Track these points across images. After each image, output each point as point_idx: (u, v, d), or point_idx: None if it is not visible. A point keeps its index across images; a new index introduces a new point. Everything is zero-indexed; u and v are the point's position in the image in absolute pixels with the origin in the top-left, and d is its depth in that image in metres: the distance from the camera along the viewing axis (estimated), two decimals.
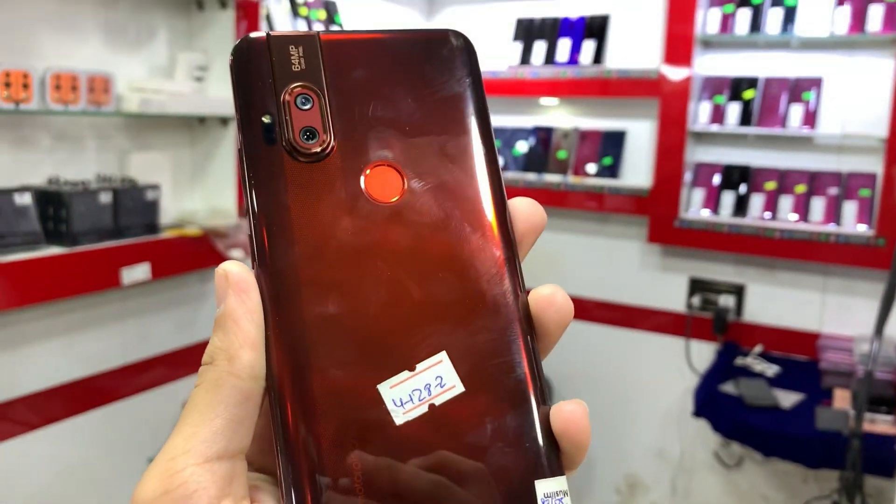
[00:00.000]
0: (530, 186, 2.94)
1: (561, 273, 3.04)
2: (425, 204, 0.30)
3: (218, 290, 0.28)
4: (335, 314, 0.28)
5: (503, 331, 0.29)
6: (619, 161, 2.88)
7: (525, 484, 0.27)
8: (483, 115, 0.32)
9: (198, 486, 0.26)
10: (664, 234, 2.71)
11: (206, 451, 0.26)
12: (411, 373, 0.28)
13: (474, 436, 0.27)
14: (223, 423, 0.27)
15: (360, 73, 0.31)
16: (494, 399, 0.28)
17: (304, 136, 0.29)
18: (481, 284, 0.29)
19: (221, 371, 0.27)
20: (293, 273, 0.28)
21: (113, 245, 1.87)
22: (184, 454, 0.26)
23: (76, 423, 1.96)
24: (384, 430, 0.27)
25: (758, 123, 2.60)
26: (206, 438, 0.26)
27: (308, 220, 0.28)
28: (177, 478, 0.26)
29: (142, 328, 2.11)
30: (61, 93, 1.74)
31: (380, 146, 0.30)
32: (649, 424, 2.92)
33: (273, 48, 0.30)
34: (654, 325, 2.88)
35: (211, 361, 0.27)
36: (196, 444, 0.26)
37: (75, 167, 1.92)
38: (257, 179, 0.29)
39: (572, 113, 3.03)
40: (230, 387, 0.27)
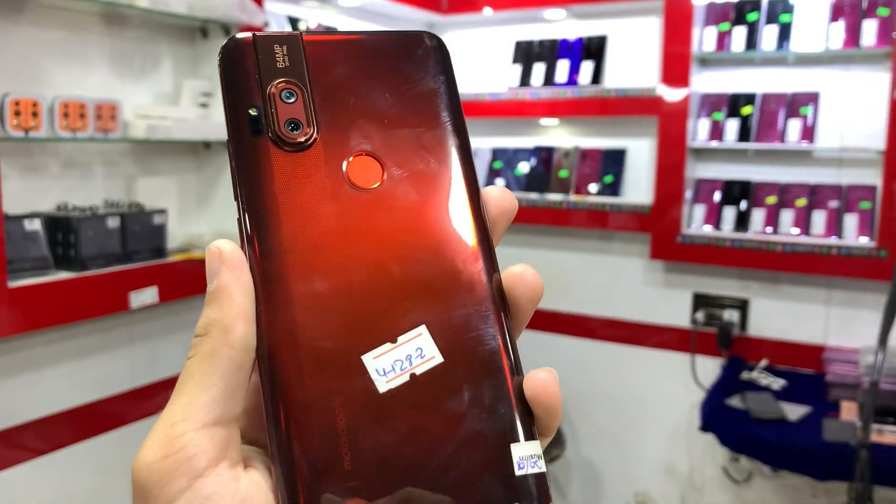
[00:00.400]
0: (533, 205, 2.96)
1: (565, 291, 3.06)
2: (404, 190, 0.32)
3: (210, 267, 0.30)
4: (321, 291, 0.29)
5: (478, 306, 0.31)
6: (620, 179, 2.90)
7: (501, 448, 0.29)
8: (456, 109, 0.34)
9: (197, 449, 0.27)
10: (667, 250, 2.73)
11: (204, 417, 0.28)
12: (393, 344, 0.29)
13: (452, 403, 0.29)
14: (219, 392, 0.28)
15: (340, 70, 0.33)
16: (471, 369, 0.30)
17: (289, 127, 0.31)
18: (457, 264, 0.31)
19: (216, 342, 0.28)
20: (281, 252, 0.29)
21: (121, 269, 1.89)
22: (183, 421, 0.28)
23: (84, 449, 1.96)
24: (368, 396, 0.28)
25: (756, 139, 2.63)
26: (203, 406, 0.28)
27: (294, 205, 0.30)
28: (177, 443, 0.27)
29: (150, 352, 2.13)
30: (69, 120, 1.77)
31: (360, 137, 0.32)
32: (657, 441, 2.92)
33: (259, 47, 0.32)
34: (659, 342, 2.89)
35: (205, 333, 0.29)
36: (194, 412, 0.28)
37: (83, 193, 1.94)
38: (245, 167, 0.31)
39: (572, 132, 3.06)
40: (225, 357, 0.28)
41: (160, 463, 0.27)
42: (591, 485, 3.07)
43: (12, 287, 1.65)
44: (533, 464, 0.29)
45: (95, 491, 2.00)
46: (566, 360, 3.06)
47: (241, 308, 0.29)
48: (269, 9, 2.38)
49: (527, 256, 3.10)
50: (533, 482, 0.29)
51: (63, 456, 1.91)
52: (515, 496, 0.28)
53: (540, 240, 3.10)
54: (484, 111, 3.06)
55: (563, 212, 2.92)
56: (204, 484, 0.27)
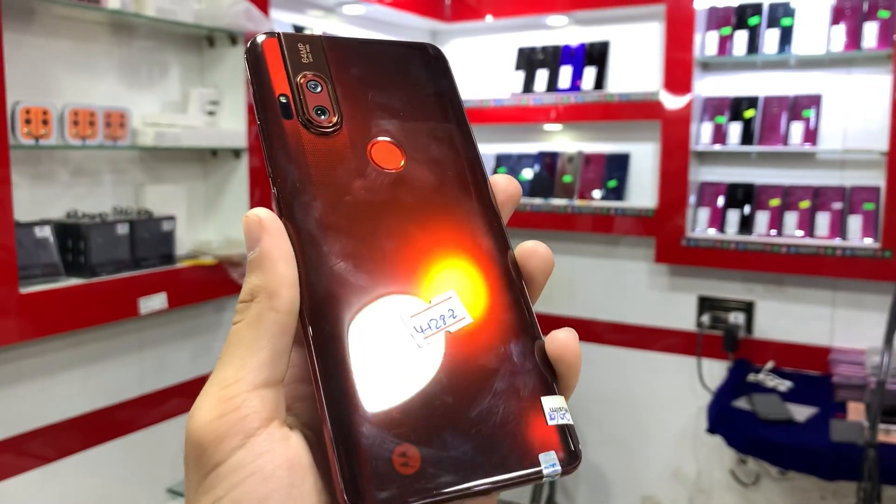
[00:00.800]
0: (537, 210, 2.98)
1: (570, 296, 3.07)
2: (423, 173, 0.34)
3: (250, 235, 0.31)
4: (356, 257, 0.31)
5: (499, 276, 0.33)
6: (624, 183, 2.92)
7: (533, 400, 0.31)
8: (461, 108, 0.37)
9: (250, 409, 0.29)
10: (671, 253, 2.74)
11: (255, 379, 0.29)
12: (427, 305, 0.31)
13: (485, 358, 0.31)
14: (267, 355, 0.29)
15: (357, 69, 0.36)
16: (499, 330, 0.32)
17: (317, 112, 0.34)
18: (477, 238, 0.34)
19: (263, 307, 0.30)
20: (318, 221, 0.32)
21: (130, 276, 1.90)
22: (235, 382, 0.29)
23: (94, 455, 1.97)
24: (408, 350, 0.30)
25: (759, 142, 2.64)
26: (253, 368, 0.29)
27: (326, 179, 0.33)
28: (230, 403, 0.29)
29: (159, 358, 2.14)
30: (79, 128, 1.79)
31: (379, 127, 0.35)
32: (664, 445, 2.92)
33: (285, 44, 0.35)
34: (665, 346, 2.89)
35: (251, 299, 0.30)
36: (246, 374, 0.29)
37: (93, 200, 1.96)
38: (278, 147, 0.33)
39: (576, 138, 3.07)
40: (271, 321, 0.30)
41: (215, 423, 0.28)
42: (599, 489, 3.07)
43: (24, 293, 1.66)
44: (563, 416, 0.31)
45: (105, 497, 2.01)
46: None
47: (284, 273, 0.30)
48: (275, 17, 2.41)
49: None
50: (564, 432, 0.31)
51: (73, 462, 1.92)
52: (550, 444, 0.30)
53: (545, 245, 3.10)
54: (488, 118, 3.08)
55: (568, 216, 2.93)
56: (257, 442, 0.28)
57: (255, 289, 0.30)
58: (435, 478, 0.28)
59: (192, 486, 0.29)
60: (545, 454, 0.30)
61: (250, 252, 0.31)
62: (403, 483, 0.28)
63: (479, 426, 0.30)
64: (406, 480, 0.28)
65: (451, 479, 0.28)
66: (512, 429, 0.30)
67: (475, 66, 3.23)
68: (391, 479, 0.28)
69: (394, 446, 0.28)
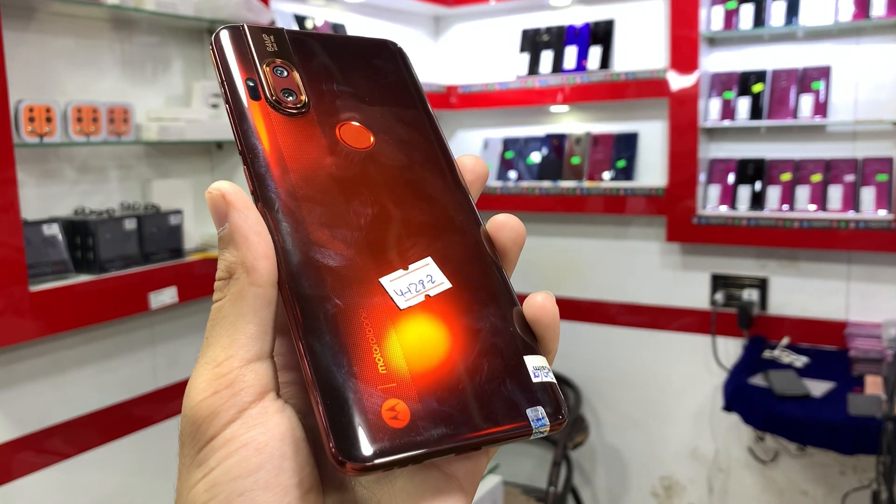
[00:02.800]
0: (546, 194, 2.96)
1: (582, 279, 3.05)
2: (392, 152, 0.35)
3: (216, 211, 0.31)
4: (332, 228, 0.32)
5: (472, 246, 0.34)
6: (633, 163, 2.90)
7: (517, 358, 0.31)
8: (423, 96, 0.39)
9: (244, 384, 0.29)
10: (683, 232, 2.72)
11: (246, 354, 0.29)
12: (405, 271, 0.32)
13: (467, 319, 0.32)
14: (255, 329, 0.30)
15: (322, 59, 0.37)
16: (478, 295, 0.33)
17: (285, 94, 0.35)
18: (448, 211, 0.35)
19: (242, 283, 0.30)
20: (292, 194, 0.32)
21: (140, 271, 1.91)
22: (227, 360, 0.29)
23: (110, 451, 1.99)
24: (391, 312, 0.31)
25: (769, 116, 2.61)
26: (243, 344, 0.29)
27: (297, 155, 0.33)
28: (224, 380, 0.29)
29: (171, 352, 2.15)
30: (83, 125, 1.79)
31: (347, 110, 0.36)
32: (681, 424, 2.91)
33: (249, 33, 0.36)
34: (679, 325, 2.88)
35: (229, 276, 0.30)
36: (236, 350, 0.29)
37: (100, 197, 1.97)
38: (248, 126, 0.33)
39: (583, 119, 3.05)
40: (253, 296, 0.30)
41: (209, 399, 0.29)
42: (617, 471, 3.07)
43: (34, 291, 1.67)
44: (546, 374, 0.32)
45: (123, 492, 2.02)
46: (587, 348, 3.05)
47: (257, 246, 0.30)
48: (276, 7, 2.40)
49: (542, 245, 3.10)
50: (548, 390, 0.31)
51: (90, 458, 1.94)
52: (536, 400, 0.30)
53: (555, 228, 3.10)
54: (493, 101, 3.06)
55: (577, 199, 2.91)
56: (251, 415, 0.29)
57: (232, 265, 0.30)
58: (426, 431, 0.28)
59: (185, 463, 0.29)
60: (532, 409, 0.30)
61: (220, 228, 0.31)
62: (394, 436, 0.28)
63: (467, 383, 0.30)
64: (396, 433, 0.28)
65: (442, 433, 0.28)
66: (498, 385, 0.30)
67: (479, 50, 3.22)
68: (381, 432, 0.28)
69: (382, 401, 0.28)
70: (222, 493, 0.28)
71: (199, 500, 0.28)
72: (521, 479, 3.12)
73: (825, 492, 2.61)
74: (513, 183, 3.07)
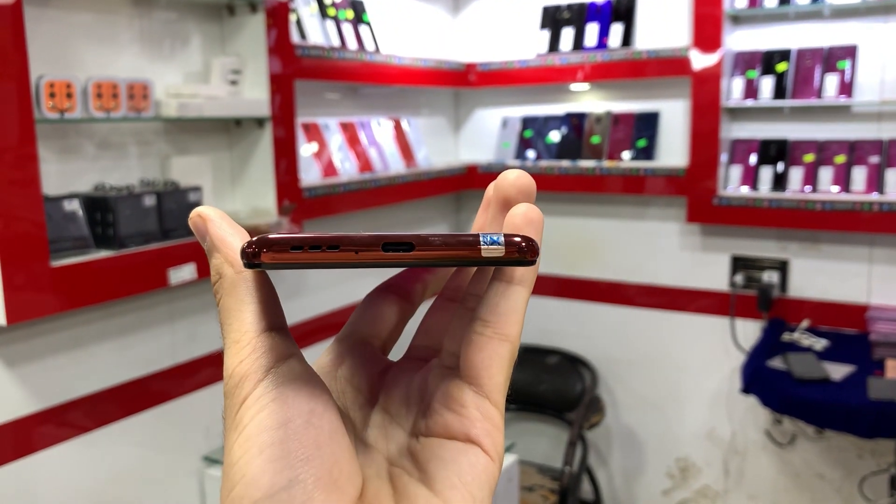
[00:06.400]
0: (565, 173, 2.95)
1: (601, 260, 3.05)
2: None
3: (198, 230, 0.33)
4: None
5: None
6: (654, 142, 2.88)
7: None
8: None
9: (265, 348, 0.31)
10: (703, 213, 2.70)
11: (258, 326, 0.32)
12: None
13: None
14: (258, 307, 0.32)
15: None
16: None
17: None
18: None
19: (231, 276, 0.32)
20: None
21: (159, 247, 1.92)
22: (244, 334, 0.32)
23: (130, 424, 2.02)
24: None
25: (792, 96, 2.58)
26: (253, 321, 0.32)
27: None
28: (246, 349, 0.31)
29: (190, 328, 2.17)
30: (103, 101, 1.80)
31: None
32: (698, 407, 2.91)
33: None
34: (699, 307, 2.87)
35: (219, 275, 0.33)
36: (248, 326, 0.32)
37: (119, 173, 1.98)
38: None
39: (604, 97, 3.03)
40: (243, 283, 0.32)
41: (238, 367, 0.31)
42: (632, 452, 3.08)
43: (55, 266, 1.69)
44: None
45: (142, 465, 2.06)
46: (605, 329, 3.05)
47: (235, 242, 0.33)
48: None
49: (561, 225, 3.10)
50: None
51: (111, 431, 1.97)
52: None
53: (574, 208, 3.09)
54: (512, 79, 3.05)
55: (597, 178, 2.90)
56: (279, 372, 0.31)
57: (218, 266, 0.33)
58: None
59: (226, 432, 0.31)
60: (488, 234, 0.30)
61: (204, 243, 0.33)
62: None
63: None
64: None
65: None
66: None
67: (499, 26, 3.19)
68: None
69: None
70: (254, 445, 0.29)
71: (233, 457, 0.29)
72: (537, 458, 3.13)
73: (842, 475, 2.61)
74: (531, 162, 3.06)
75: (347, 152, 2.68)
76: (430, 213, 3.23)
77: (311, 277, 2.56)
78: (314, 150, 2.54)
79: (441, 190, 3.06)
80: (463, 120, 3.37)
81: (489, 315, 0.31)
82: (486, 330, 0.31)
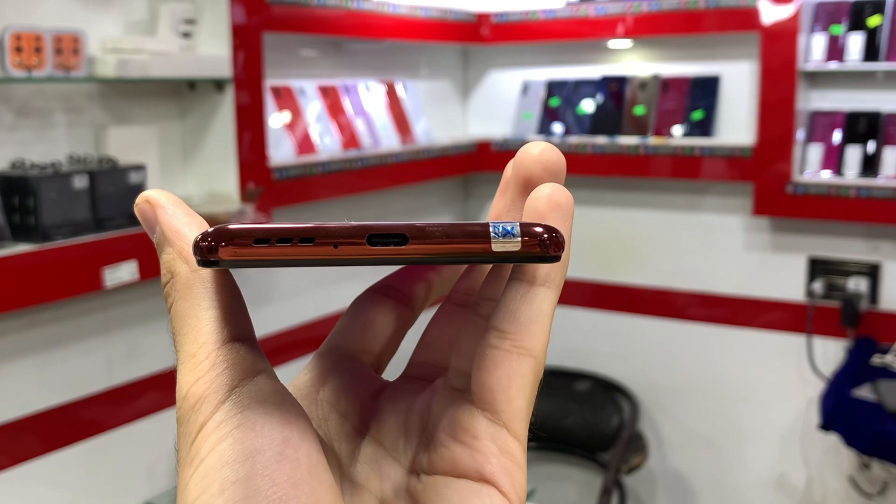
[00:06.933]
0: (601, 153, 2.95)
1: (644, 262, 3.05)
2: None
3: (146, 218, 0.34)
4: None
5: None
6: (713, 115, 2.88)
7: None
8: None
9: (227, 362, 0.31)
10: (774, 203, 2.70)
11: (219, 337, 0.32)
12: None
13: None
14: (217, 313, 0.32)
15: None
16: None
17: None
18: None
19: (185, 276, 0.33)
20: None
21: (92, 240, 1.92)
22: (201, 346, 0.32)
23: (54, 462, 2.02)
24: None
25: (887, 58, 2.59)
26: (212, 329, 0.32)
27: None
28: (203, 364, 0.31)
29: (131, 341, 2.17)
30: (23, 56, 1.80)
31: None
32: (765, 446, 2.91)
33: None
34: (766, 321, 2.87)
35: (171, 274, 0.33)
36: (206, 336, 0.32)
37: (43, 147, 1.98)
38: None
39: (650, 57, 3.03)
40: (201, 283, 0.32)
41: (194, 387, 0.31)
42: (681, 501, 3.08)
43: None
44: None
45: None
46: (648, 347, 3.05)
47: (190, 233, 0.33)
48: None
49: (595, 218, 3.10)
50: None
51: (29, 470, 1.97)
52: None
53: (611, 196, 3.09)
54: (536, 33, 3.05)
55: (640, 159, 2.90)
56: (244, 393, 0.31)
57: (170, 263, 0.33)
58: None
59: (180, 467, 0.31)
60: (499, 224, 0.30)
61: (153, 234, 0.34)
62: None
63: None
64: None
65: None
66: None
67: None
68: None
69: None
70: (215, 483, 0.29)
71: (188, 497, 0.29)
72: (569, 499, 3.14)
73: None
74: (558, 138, 3.06)
75: (328, 124, 2.68)
76: (431, 202, 3.23)
77: (282, 279, 2.56)
78: (286, 121, 2.54)
79: (445, 172, 3.05)
80: (473, 85, 3.37)
81: (507, 324, 0.31)
82: (504, 342, 0.31)
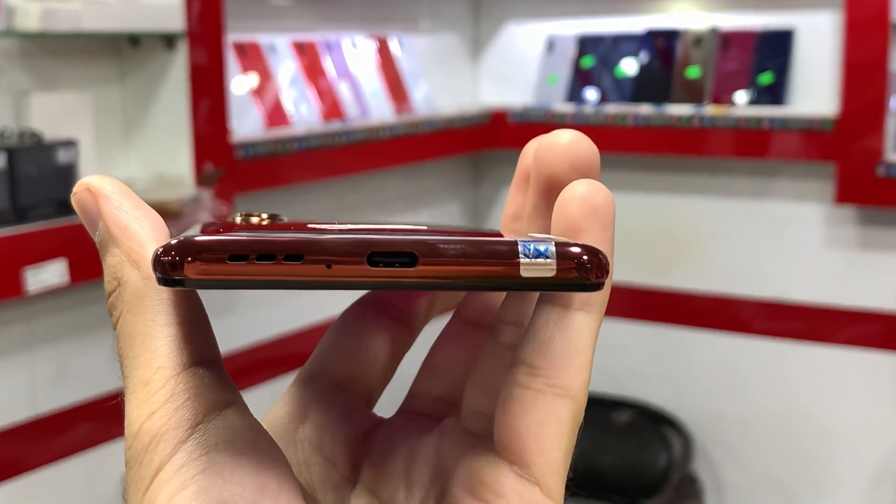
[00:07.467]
0: (645, 125, 2.95)
1: (700, 262, 3.05)
2: None
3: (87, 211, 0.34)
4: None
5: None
6: (785, 79, 2.88)
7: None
8: None
9: (188, 392, 0.31)
10: (862, 189, 2.70)
11: (177, 360, 0.31)
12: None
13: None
14: (175, 330, 0.32)
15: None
16: None
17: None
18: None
19: (136, 284, 0.32)
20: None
21: (11, 234, 1.93)
22: (156, 372, 0.31)
23: None
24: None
25: None
26: (169, 350, 0.31)
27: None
28: (160, 394, 0.31)
29: (57, 360, 2.17)
30: None
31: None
32: (851, 491, 2.91)
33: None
34: (853, 336, 2.87)
35: (118, 281, 0.32)
36: (163, 360, 0.31)
37: None
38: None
39: (707, 7, 3.03)
40: (155, 294, 0.32)
41: (148, 423, 0.30)
42: None
43: None
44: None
45: None
46: (704, 369, 3.05)
47: (141, 231, 0.33)
48: None
49: (638, 207, 3.10)
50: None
51: None
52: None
53: (659, 180, 3.09)
54: None
55: (695, 132, 2.90)
56: (209, 430, 0.31)
57: (117, 268, 0.32)
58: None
59: None
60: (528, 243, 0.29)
61: (94, 232, 0.33)
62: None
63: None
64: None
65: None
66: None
67: None
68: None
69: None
70: None
71: None
72: None
73: None
74: (593, 107, 3.06)
75: (305, 89, 2.68)
76: (433, 186, 3.23)
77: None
78: (253, 86, 2.55)
79: (451, 149, 3.06)
80: (486, 40, 3.38)
81: (539, 358, 0.30)
82: (536, 381, 0.30)
